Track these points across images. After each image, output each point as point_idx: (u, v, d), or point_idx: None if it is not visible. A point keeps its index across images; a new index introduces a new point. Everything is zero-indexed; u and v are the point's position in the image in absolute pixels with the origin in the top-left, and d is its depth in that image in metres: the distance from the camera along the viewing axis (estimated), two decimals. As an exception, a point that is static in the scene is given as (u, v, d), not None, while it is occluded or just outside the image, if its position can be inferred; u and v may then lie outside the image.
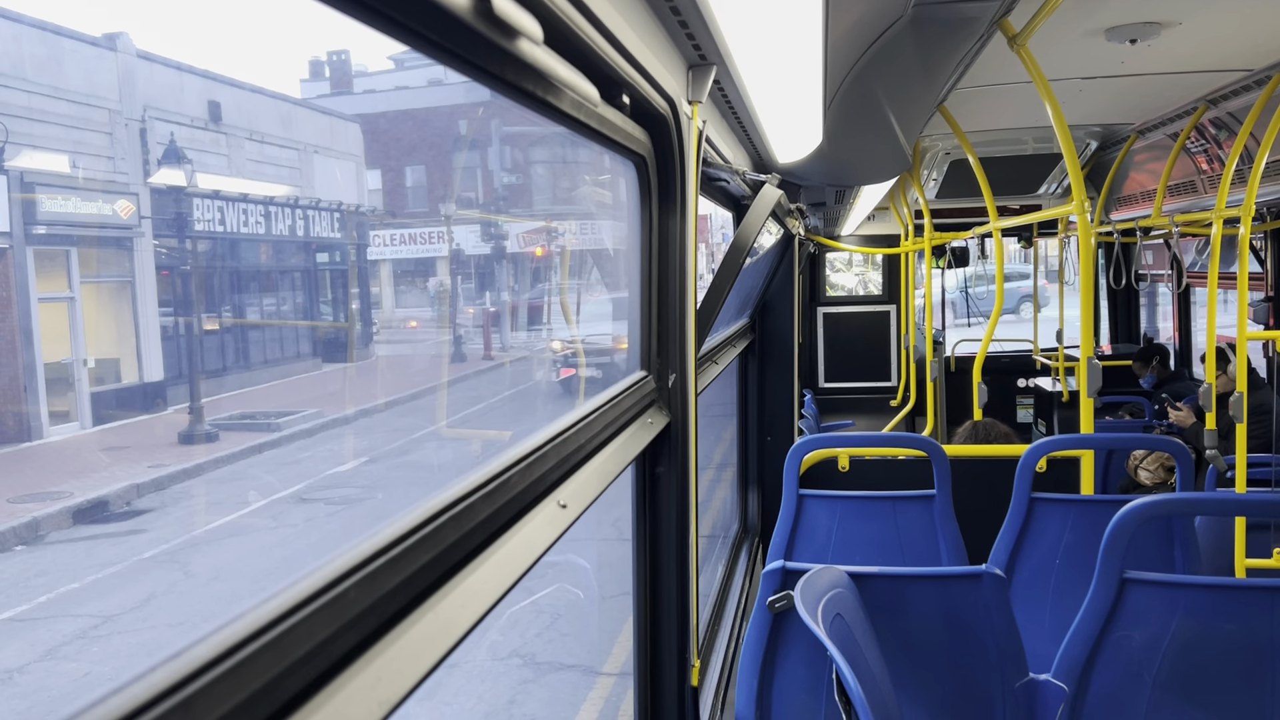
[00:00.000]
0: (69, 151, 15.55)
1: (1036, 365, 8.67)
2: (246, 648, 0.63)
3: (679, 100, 1.75)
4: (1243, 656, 2.37)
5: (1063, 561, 3.42)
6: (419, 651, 0.82)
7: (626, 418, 1.73)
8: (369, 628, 0.78)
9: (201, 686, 0.58)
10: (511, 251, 27.45)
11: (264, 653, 0.64)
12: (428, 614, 0.87)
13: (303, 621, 0.69)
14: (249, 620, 0.65)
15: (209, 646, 0.60)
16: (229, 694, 0.60)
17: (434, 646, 0.85)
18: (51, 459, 13.95)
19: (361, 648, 0.77)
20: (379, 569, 0.80)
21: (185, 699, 0.57)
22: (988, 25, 2.94)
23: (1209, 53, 4.00)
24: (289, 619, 0.67)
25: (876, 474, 4.65)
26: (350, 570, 0.76)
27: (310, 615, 0.70)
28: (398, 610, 0.83)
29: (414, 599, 0.86)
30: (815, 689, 2.46)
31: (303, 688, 0.69)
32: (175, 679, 0.57)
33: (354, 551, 0.78)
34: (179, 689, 0.57)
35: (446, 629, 0.88)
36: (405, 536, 0.86)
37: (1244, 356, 4.31)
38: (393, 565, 0.82)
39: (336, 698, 0.71)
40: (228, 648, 0.61)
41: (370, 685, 0.74)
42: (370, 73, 32.87)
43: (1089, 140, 6.52)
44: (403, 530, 0.86)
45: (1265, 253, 6.98)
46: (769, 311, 5.23)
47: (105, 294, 16.90)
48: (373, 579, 0.78)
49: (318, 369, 21.73)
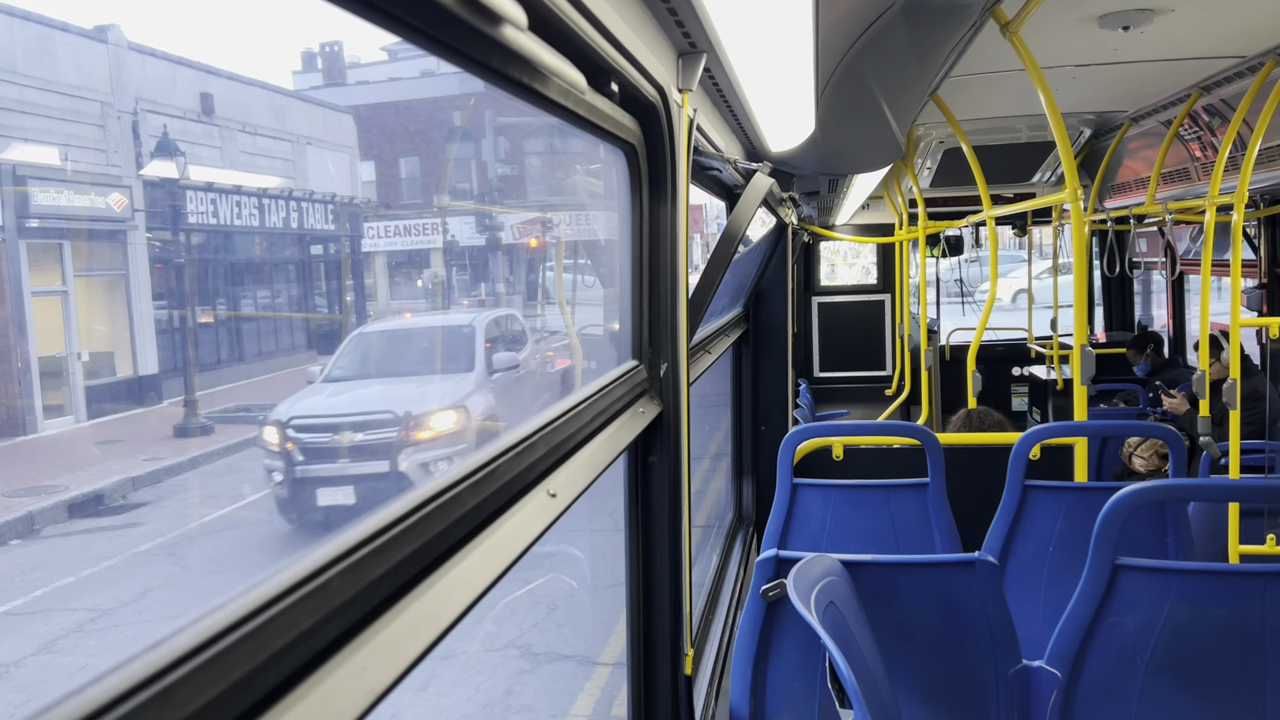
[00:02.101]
0: (61, 144, 15.50)
1: (1031, 354, 8.69)
2: (228, 637, 0.62)
3: (669, 88, 1.75)
4: (1235, 642, 2.38)
5: (1056, 549, 3.43)
6: (405, 641, 0.82)
7: (617, 407, 1.73)
8: (354, 617, 0.78)
9: (181, 676, 0.58)
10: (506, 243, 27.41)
11: (245, 642, 0.64)
12: (414, 603, 0.86)
13: (286, 611, 0.68)
14: (230, 610, 0.64)
15: (189, 636, 0.60)
16: (209, 684, 0.60)
17: (420, 636, 0.84)
18: (46, 453, 13.93)
19: (346, 637, 0.76)
20: (364, 558, 0.79)
21: (164, 689, 0.56)
22: (980, 12, 2.93)
23: (1202, 39, 4.00)
24: (271, 608, 0.67)
25: (871, 463, 4.65)
26: (335, 559, 0.76)
27: (293, 604, 0.69)
28: (383, 599, 0.83)
29: (400, 588, 0.86)
30: (809, 677, 2.47)
31: (286, 677, 0.68)
32: (154, 669, 0.56)
33: (338, 540, 0.78)
34: (158, 679, 0.56)
35: (433, 618, 0.88)
36: (391, 526, 0.85)
37: (1237, 343, 4.32)
38: (378, 554, 0.82)
39: (321, 687, 0.70)
40: (208, 637, 0.61)
41: (355, 675, 0.74)
42: (363, 64, 32.76)
43: (1082, 128, 6.52)
44: (388, 519, 0.85)
45: (1258, 240, 6.99)
46: (763, 301, 5.23)
47: (99, 287, 16.86)
48: (357, 568, 0.78)
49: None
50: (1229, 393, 4.15)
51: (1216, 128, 5.05)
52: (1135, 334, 8.78)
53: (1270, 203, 6.66)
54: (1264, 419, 5.84)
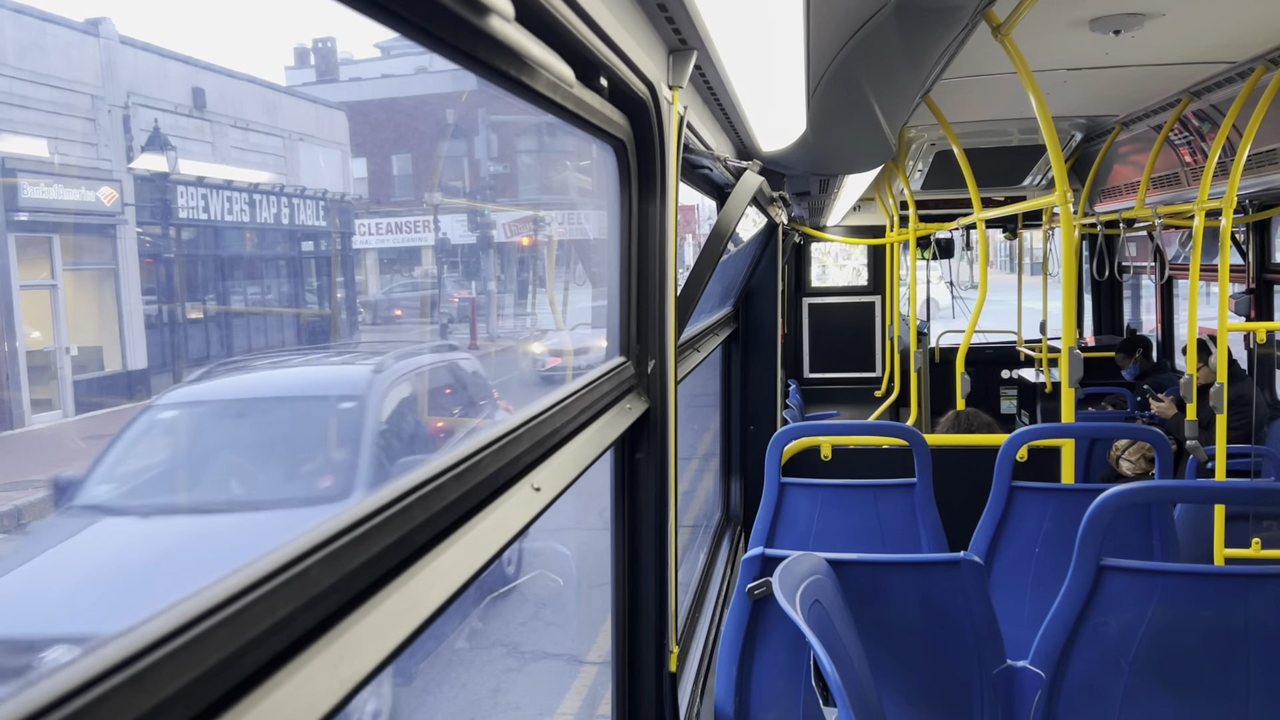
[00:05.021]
0: (50, 138, 15.41)
1: (1020, 356, 8.71)
2: (204, 623, 0.62)
3: (659, 85, 1.74)
4: (1218, 643, 2.39)
5: (1042, 550, 3.44)
6: (383, 631, 0.82)
7: (604, 403, 1.72)
8: (332, 606, 0.77)
9: (155, 660, 0.57)
10: (498, 240, 27.36)
11: (222, 628, 0.63)
12: (393, 594, 0.86)
13: (263, 598, 0.68)
14: (207, 596, 0.64)
15: (164, 621, 0.60)
16: (184, 669, 0.59)
17: (399, 627, 0.84)
18: (33, 447, 13.85)
19: (324, 626, 0.76)
20: (343, 548, 0.79)
21: (138, 673, 0.56)
22: (972, 15, 2.94)
23: (1192, 45, 4.01)
24: (249, 595, 0.67)
25: (859, 463, 4.66)
26: (313, 548, 0.76)
27: (271, 592, 0.69)
28: (362, 590, 0.83)
29: (380, 579, 0.86)
30: (794, 675, 2.47)
31: (262, 664, 0.68)
32: (128, 652, 0.56)
33: (318, 530, 0.78)
34: (132, 662, 0.56)
35: (413, 609, 0.88)
36: (371, 515, 0.85)
37: (1224, 348, 4.33)
38: (358, 544, 0.81)
39: (297, 675, 0.70)
40: (184, 622, 0.61)
41: (332, 664, 0.74)
42: (356, 60, 32.64)
43: (1073, 132, 6.54)
44: (369, 509, 0.85)
45: (1247, 245, 7.02)
46: (753, 300, 5.23)
47: (88, 281, 16.76)
48: (336, 557, 0.78)
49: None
50: (1216, 397, 4.16)
51: (1206, 133, 5.07)
52: (1124, 338, 8.81)
53: (1259, 208, 6.69)
54: (1250, 423, 5.87)
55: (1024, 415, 8.66)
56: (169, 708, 0.58)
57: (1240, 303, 6.92)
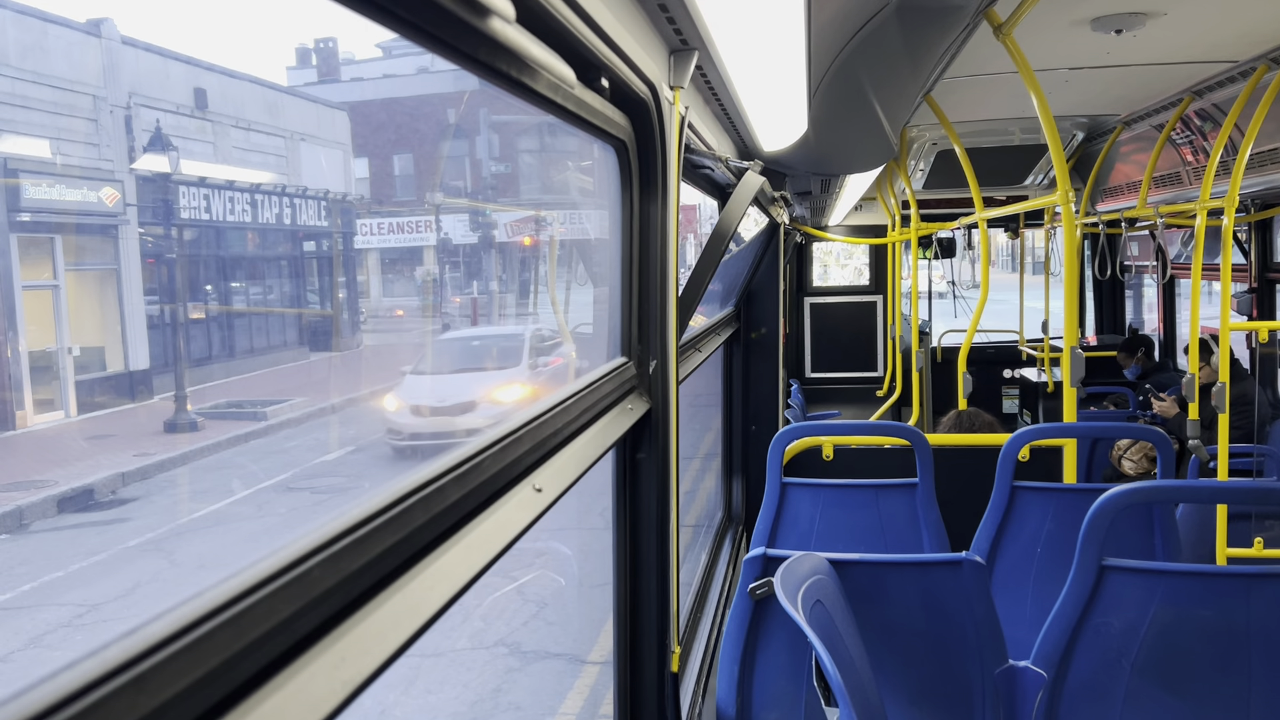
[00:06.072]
0: (53, 138, 15.44)
1: (1022, 356, 8.71)
2: (205, 624, 0.62)
3: (660, 85, 1.74)
4: (1220, 643, 2.39)
5: (1044, 550, 3.43)
6: (385, 633, 0.82)
7: (606, 403, 1.72)
8: (333, 608, 0.77)
9: (157, 663, 0.57)
10: (499, 241, 27.38)
11: (223, 630, 0.63)
12: (395, 596, 0.86)
13: (265, 599, 0.68)
14: (209, 598, 0.64)
15: (166, 623, 0.60)
16: (186, 671, 0.59)
17: (401, 629, 0.84)
18: (35, 447, 13.88)
19: (326, 628, 0.76)
20: (344, 549, 0.79)
21: (139, 675, 0.56)
22: (973, 14, 2.94)
23: (1194, 44, 4.01)
24: (250, 596, 0.67)
25: (861, 463, 4.65)
26: (315, 550, 0.76)
27: (273, 593, 0.69)
28: (364, 591, 0.83)
29: (381, 580, 0.86)
30: (796, 675, 2.47)
31: (264, 666, 0.68)
32: (130, 655, 0.56)
33: (319, 531, 0.78)
34: (133, 665, 0.56)
35: (414, 611, 0.88)
36: (373, 517, 0.85)
37: (1226, 347, 4.33)
38: (359, 546, 0.82)
39: (299, 677, 0.70)
40: (185, 624, 0.61)
41: (334, 665, 0.74)
42: (358, 60, 32.68)
43: (1075, 131, 6.53)
44: (370, 511, 0.85)
45: (1249, 244, 7.01)
46: (754, 300, 5.23)
47: (90, 282, 16.79)
48: (338, 559, 0.78)
49: (304, 358, 21.66)
50: (1218, 396, 4.16)
51: (1208, 132, 5.07)
52: (1126, 337, 8.81)
53: (1261, 207, 6.69)
54: (1252, 423, 5.87)
55: (1026, 415, 8.65)
56: (171, 709, 0.58)
57: (1242, 302, 6.91)
